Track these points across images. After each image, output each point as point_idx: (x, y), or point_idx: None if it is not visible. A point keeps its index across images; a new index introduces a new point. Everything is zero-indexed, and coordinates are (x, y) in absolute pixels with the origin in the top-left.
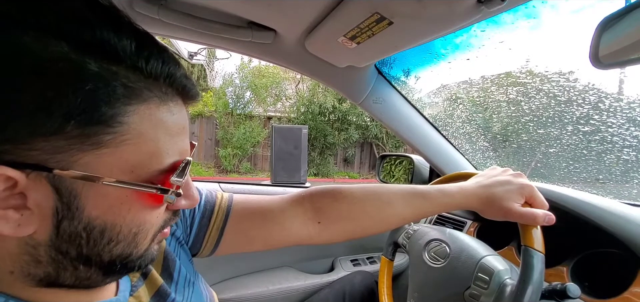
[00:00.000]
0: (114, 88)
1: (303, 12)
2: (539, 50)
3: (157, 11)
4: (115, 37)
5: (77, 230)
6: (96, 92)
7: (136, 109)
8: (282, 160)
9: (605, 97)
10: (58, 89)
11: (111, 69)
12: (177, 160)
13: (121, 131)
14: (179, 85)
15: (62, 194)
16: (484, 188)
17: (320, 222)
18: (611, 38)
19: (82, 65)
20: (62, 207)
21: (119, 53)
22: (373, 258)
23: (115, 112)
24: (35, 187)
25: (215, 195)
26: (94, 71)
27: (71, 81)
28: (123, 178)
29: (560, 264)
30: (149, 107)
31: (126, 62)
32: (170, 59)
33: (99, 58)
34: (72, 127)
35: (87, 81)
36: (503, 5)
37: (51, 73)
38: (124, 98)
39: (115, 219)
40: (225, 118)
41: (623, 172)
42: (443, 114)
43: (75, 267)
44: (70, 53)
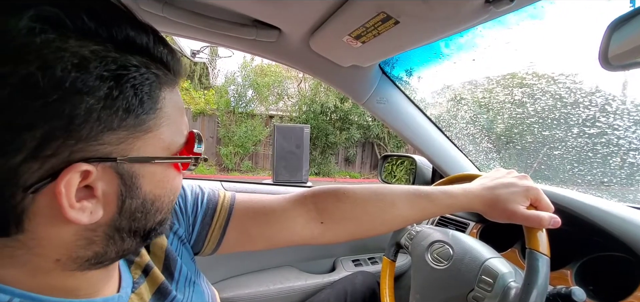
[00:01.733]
0: (150, 78)
1: (308, 11)
2: (546, 52)
3: (161, 8)
4: (140, 35)
5: (137, 205)
6: (142, 85)
7: (164, 94)
8: (284, 159)
9: (612, 100)
10: (117, 88)
11: (145, 62)
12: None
13: (159, 115)
14: (179, 71)
15: (125, 178)
16: (488, 190)
17: (323, 223)
18: (621, 39)
19: (128, 62)
20: (125, 190)
21: (146, 47)
22: (375, 258)
23: (154, 99)
24: (102, 177)
25: (218, 194)
26: (136, 65)
27: (124, 78)
28: (164, 154)
29: (564, 267)
30: (169, 91)
31: (152, 55)
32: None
33: (133, 54)
34: (131, 119)
35: (135, 75)
36: (512, 5)
37: (109, 75)
38: (157, 86)
39: (162, 191)
40: (227, 116)
41: (628, 175)
42: (447, 115)
43: (123, 240)
44: (115, 55)
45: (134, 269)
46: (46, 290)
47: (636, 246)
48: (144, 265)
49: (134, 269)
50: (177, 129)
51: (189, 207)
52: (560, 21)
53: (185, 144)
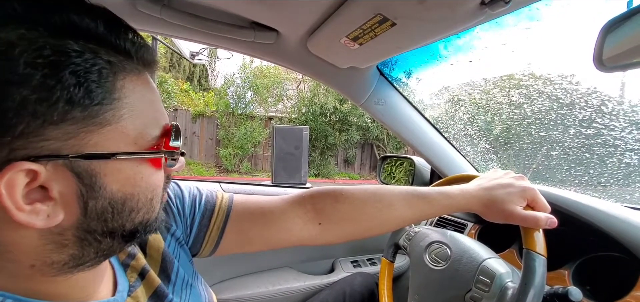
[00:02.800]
0: (100, 65)
1: (305, 13)
2: (542, 53)
3: (159, 10)
4: (86, 19)
5: (104, 206)
6: (88, 73)
7: (123, 83)
8: (283, 160)
9: (608, 101)
10: (54, 77)
11: (91, 47)
12: (166, 125)
13: (118, 107)
14: (147, 59)
15: (83, 176)
16: (486, 191)
17: (321, 223)
18: (615, 41)
19: (67, 47)
20: (85, 189)
21: (93, 32)
22: (373, 259)
23: (108, 89)
24: (55, 177)
25: (216, 195)
26: (78, 51)
27: (62, 65)
28: (130, 150)
29: (562, 268)
30: (132, 81)
31: (102, 40)
32: (136, 35)
33: (77, 40)
34: (76, 110)
35: (77, 65)
36: (507, 7)
37: (43, 62)
38: (112, 74)
39: (133, 189)
40: (226, 118)
41: (625, 176)
42: (445, 116)
43: (100, 241)
44: (51, 40)
45: (130, 273)
46: (33, 295)
47: (633, 246)
48: (140, 268)
49: (130, 273)
50: (146, 121)
51: (187, 209)
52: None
53: (160, 137)
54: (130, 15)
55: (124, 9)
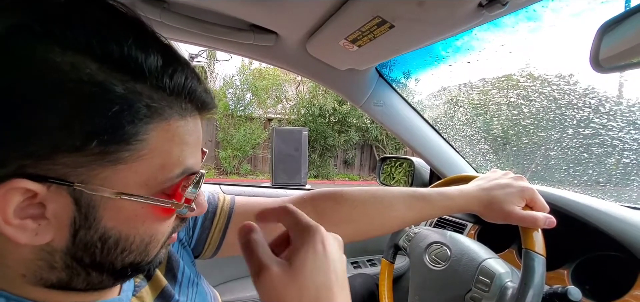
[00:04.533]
0: (138, 109)
1: (305, 15)
2: (540, 54)
3: (159, 14)
4: (143, 54)
5: (93, 240)
6: (121, 113)
7: (156, 126)
8: (283, 162)
9: (605, 101)
10: (84, 110)
11: (136, 90)
12: (189, 171)
13: (139, 148)
14: (199, 101)
15: (81, 205)
16: (485, 191)
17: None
18: (611, 42)
19: (108, 88)
20: (80, 218)
21: (145, 71)
22: (373, 260)
23: (136, 131)
24: (55, 199)
25: (217, 197)
26: (119, 93)
27: (97, 103)
28: (138, 192)
29: (561, 267)
30: (169, 124)
31: (151, 81)
32: (192, 74)
33: (125, 77)
34: (94, 144)
35: (112, 103)
36: (504, 8)
37: (77, 93)
38: (146, 118)
39: (130, 230)
40: (225, 120)
41: (623, 175)
42: (443, 117)
43: (88, 273)
44: (97, 73)
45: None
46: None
47: (631, 246)
48: (142, 275)
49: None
50: (167, 162)
51: None
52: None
53: (176, 181)
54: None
55: None
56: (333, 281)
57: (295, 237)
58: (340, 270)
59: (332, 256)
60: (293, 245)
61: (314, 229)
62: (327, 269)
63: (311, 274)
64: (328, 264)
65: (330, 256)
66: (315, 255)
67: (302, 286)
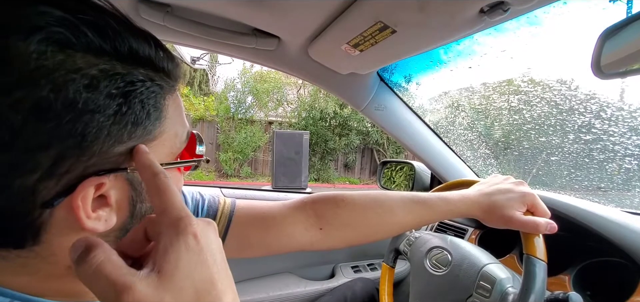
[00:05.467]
0: (155, 90)
1: (307, 20)
2: (541, 59)
3: (162, 18)
4: (142, 45)
5: (147, 209)
6: (148, 97)
7: (167, 102)
8: (283, 165)
9: (607, 106)
10: (127, 104)
11: (150, 74)
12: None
13: (162, 123)
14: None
15: (135, 184)
16: (486, 196)
17: (322, 229)
18: (613, 48)
19: (135, 78)
20: (135, 195)
21: (149, 58)
22: (374, 265)
23: (160, 109)
24: (114, 186)
25: (218, 200)
26: (142, 80)
27: (131, 94)
28: (167, 159)
29: (562, 273)
30: (172, 99)
31: (156, 65)
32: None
33: (141, 68)
34: (139, 130)
35: (142, 90)
36: (505, 15)
37: (118, 92)
38: (161, 97)
39: None
40: (226, 122)
41: (624, 181)
42: (444, 121)
43: None
44: (120, 68)
45: None
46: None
47: (632, 251)
48: None
49: None
50: (178, 132)
51: None
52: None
53: (186, 145)
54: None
55: None
56: (215, 275)
57: (159, 236)
58: (221, 260)
59: (209, 247)
60: (157, 247)
61: (183, 222)
62: (205, 264)
63: (188, 275)
64: (206, 257)
65: (207, 248)
66: (189, 252)
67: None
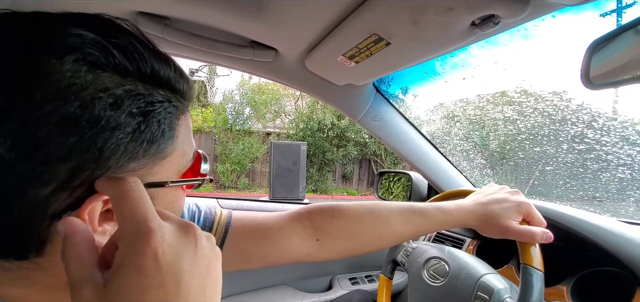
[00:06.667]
0: (172, 111)
1: (304, 32)
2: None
3: (161, 30)
4: (163, 67)
5: None
6: (165, 117)
7: (180, 123)
8: (281, 176)
9: (598, 116)
10: (146, 122)
11: (168, 96)
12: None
13: (174, 142)
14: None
15: None
16: (481, 206)
17: (319, 240)
18: (601, 60)
19: (154, 98)
20: None
21: (168, 80)
22: (372, 276)
23: (173, 129)
24: None
25: (214, 212)
26: (161, 101)
27: (151, 113)
28: (175, 177)
29: (560, 283)
30: (184, 118)
31: (173, 87)
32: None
33: (159, 87)
34: (153, 148)
35: (160, 111)
36: (496, 28)
37: (138, 111)
38: (175, 117)
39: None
40: (224, 134)
41: (619, 190)
42: (440, 132)
43: None
44: (141, 89)
45: None
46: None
47: (629, 261)
48: None
49: None
50: (186, 150)
51: None
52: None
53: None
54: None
55: None
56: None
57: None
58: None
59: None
60: (116, 257)
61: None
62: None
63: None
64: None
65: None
66: (141, 277)
67: None
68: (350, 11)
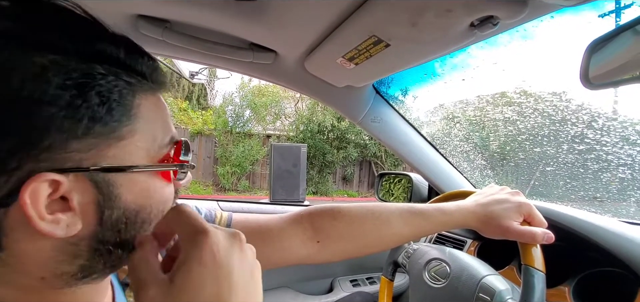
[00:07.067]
0: (121, 86)
1: (303, 34)
2: (533, 71)
3: (161, 33)
4: (110, 46)
5: (118, 216)
6: (110, 91)
7: (139, 102)
8: (281, 178)
9: (598, 117)
10: (82, 96)
11: (114, 70)
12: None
13: (133, 122)
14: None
15: (102, 187)
16: (482, 206)
17: (319, 242)
18: (600, 60)
19: (93, 71)
20: (103, 199)
21: (115, 58)
22: (373, 278)
23: (126, 107)
24: (76, 188)
25: (214, 214)
26: (102, 73)
27: (88, 86)
28: (144, 163)
29: (562, 284)
30: (147, 99)
31: (123, 64)
32: (151, 59)
33: (103, 63)
34: (98, 126)
35: (100, 83)
36: (495, 29)
37: (71, 83)
38: (130, 94)
39: (146, 200)
40: (224, 136)
41: (619, 190)
42: (440, 133)
43: (111, 252)
44: (79, 63)
45: (129, 293)
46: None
47: (630, 261)
48: None
49: (129, 293)
50: (158, 136)
51: None
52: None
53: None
54: (132, 37)
55: (126, 32)
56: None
57: (183, 246)
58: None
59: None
60: (180, 256)
61: (201, 236)
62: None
63: (196, 291)
64: (219, 275)
65: (224, 266)
66: (201, 267)
67: None
68: (350, 13)
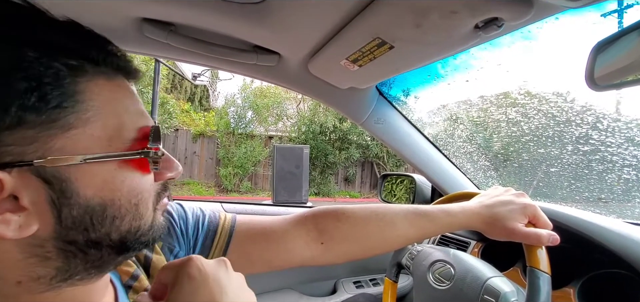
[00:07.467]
0: (57, 69)
1: (307, 37)
2: (537, 72)
3: (166, 36)
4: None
5: (80, 214)
6: (41, 75)
7: (86, 86)
8: (284, 180)
9: (603, 117)
10: (8, 85)
11: (48, 53)
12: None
13: (81, 109)
14: (118, 65)
15: (53, 183)
16: (487, 208)
17: (323, 243)
18: (606, 61)
19: (21, 55)
20: (57, 196)
21: (51, 42)
22: (376, 280)
23: (67, 92)
24: (23, 185)
25: (219, 216)
26: (33, 57)
27: (12, 71)
28: (103, 153)
29: (567, 286)
30: (98, 84)
31: (62, 47)
32: (103, 42)
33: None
34: (32, 115)
35: (29, 68)
36: (499, 30)
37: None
38: (71, 77)
39: (113, 194)
40: (226, 137)
41: (624, 191)
42: (444, 134)
43: (85, 252)
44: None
45: (132, 295)
46: None
47: (636, 263)
48: (142, 290)
49: (132, 295)
50: (121, 123)
51: (190, 230)
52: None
53: (138, 140)
54: (137, 40)
55: (131, 35)
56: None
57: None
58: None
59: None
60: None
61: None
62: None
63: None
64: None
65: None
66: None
67: None
68: (354, 15)
